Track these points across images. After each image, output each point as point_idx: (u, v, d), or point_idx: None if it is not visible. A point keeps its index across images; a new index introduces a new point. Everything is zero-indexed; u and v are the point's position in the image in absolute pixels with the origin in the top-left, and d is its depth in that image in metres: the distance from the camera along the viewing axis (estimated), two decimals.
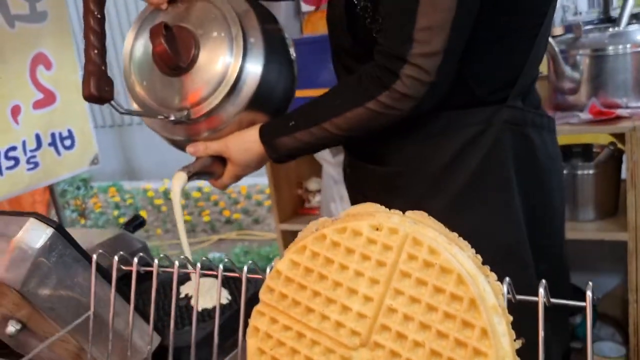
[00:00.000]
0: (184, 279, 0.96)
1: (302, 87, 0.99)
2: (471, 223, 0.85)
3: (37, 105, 1.90)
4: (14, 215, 0.62)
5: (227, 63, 0.86)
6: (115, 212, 4.79)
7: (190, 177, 0.91)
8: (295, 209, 2.18)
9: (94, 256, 0.60)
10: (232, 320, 0.87)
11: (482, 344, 0.41)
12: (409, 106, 0.78)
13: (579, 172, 1.67)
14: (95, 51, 0.80)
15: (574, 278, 1.06)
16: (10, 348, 0.88)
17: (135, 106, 0.93)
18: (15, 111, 1.83)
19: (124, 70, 0.94)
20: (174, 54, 0.85)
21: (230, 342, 0.86)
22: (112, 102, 0.82)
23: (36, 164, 1.85)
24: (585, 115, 1.54)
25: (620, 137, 1.63)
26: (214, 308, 0.89)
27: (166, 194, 5.15)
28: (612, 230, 1.67)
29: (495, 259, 0.85)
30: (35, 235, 0.60)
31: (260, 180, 5.00)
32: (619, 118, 1.52)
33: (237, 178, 0.96)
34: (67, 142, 1.97)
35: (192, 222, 4.54)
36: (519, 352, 0.42)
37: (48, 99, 1.92)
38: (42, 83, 1.92)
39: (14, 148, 1.79)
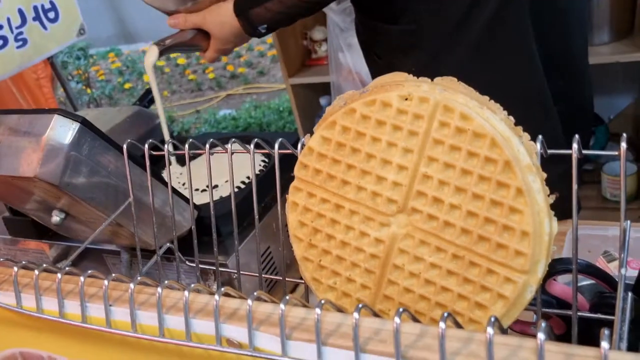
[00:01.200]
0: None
1: None
2: (490, 73, 0.84)
3: None
4: (37, 113, 0.62)
5: None
6: (120, 79, 4.74)
7: (167, 50, 0.92)
8: (303, 60, 2.14)
9: (125, 146, 0.61)
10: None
11: (518, 202, 0.43)
12: None
13: None
14: None
15: None
16: (52, 231, 0.93)
17: None
18: None
19: None
20: None
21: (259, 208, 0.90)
22: None
23: (24, 41, 1.81)
24: None
25: None
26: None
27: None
28: (627, 51, 1.63)
29: (518, 106, 0.84)
30: (62, 131, 0.60)
31: None
32: None
33: (222, 52, 0.96)
34: (51, 15, 1.91)
35: (198, 81, 4.51)
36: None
37: None
38: None
39: (0, 27, 1.75)
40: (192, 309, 0.42)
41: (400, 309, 0.34)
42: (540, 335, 0.30)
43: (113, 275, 0.44)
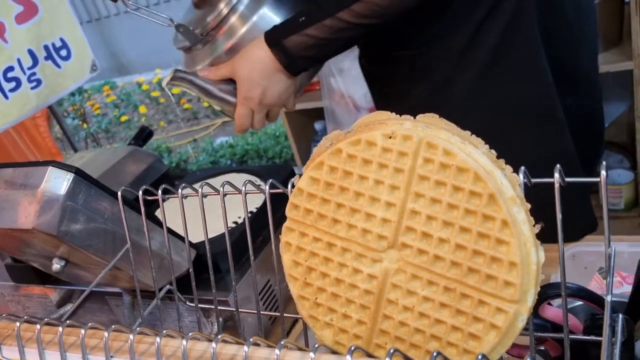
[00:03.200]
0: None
1: None
2: (503, 92, 0.85)
3: (20, 19, 1.82)
4: (31, 165, 0.63)
5: None
6: (116, 112, 4.77)
7: (180, 79, 0.86)
8: None
9: (119, 193, 0.62)
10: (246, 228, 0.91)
11: (504, 234, 0.44)
12: None
13: None
14: None
15: None
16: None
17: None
18: (0, 29, 1.78)
19: None
20: None
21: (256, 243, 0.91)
22: None
23: (39, 81, 1.81)
24: None
25: None
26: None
27: (160, 85, 5.09)
28: (617, 60, 1.66)
29: (531, 122, 0.85)
30: (57, 182, 0.62)
31: None
32: None
33: (248, 102, 0.84)
34: (63, 52, 1.92)
35: (193, 109, 4.54)
36: (540, 233, 0.45)
37: (30, 10, 1.84)
38: None
39: (11, 68, 1.75)
40: (190, 357, 0.43)
41: (391, 350, 0.35)
42: None
43: (113, 326, 0.45)
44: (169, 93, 0.90)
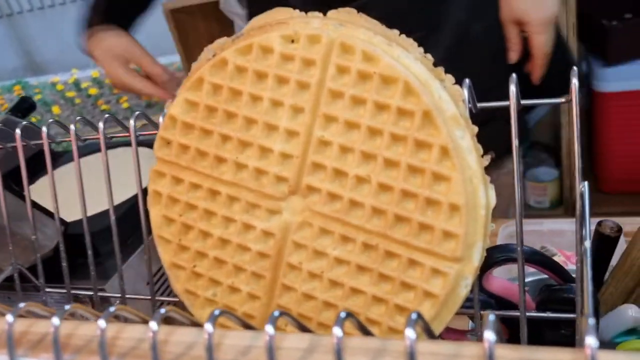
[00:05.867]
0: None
1: None
2: None
3: None
4: None
5: None
6: None
7: None
8: None
9: None
10: None
11: (444, 166, 0.32)
12: None
13: None
14: None
15: None
16: None
17: None
18: None
19: None
20: None
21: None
22: None
23: None
24: None
25: None
26: None
27: (77, 85, 4.78)
28: None
29: None
30: None
31: (173, 58, 4.67)
32: None
33: None
34: None
35: (112, 111, 4.26)
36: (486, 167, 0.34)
37: None
38: None
39: None
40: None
41: (276, 313, 0.22)
42: (489, 336, 0.19)
43: None
44: None
